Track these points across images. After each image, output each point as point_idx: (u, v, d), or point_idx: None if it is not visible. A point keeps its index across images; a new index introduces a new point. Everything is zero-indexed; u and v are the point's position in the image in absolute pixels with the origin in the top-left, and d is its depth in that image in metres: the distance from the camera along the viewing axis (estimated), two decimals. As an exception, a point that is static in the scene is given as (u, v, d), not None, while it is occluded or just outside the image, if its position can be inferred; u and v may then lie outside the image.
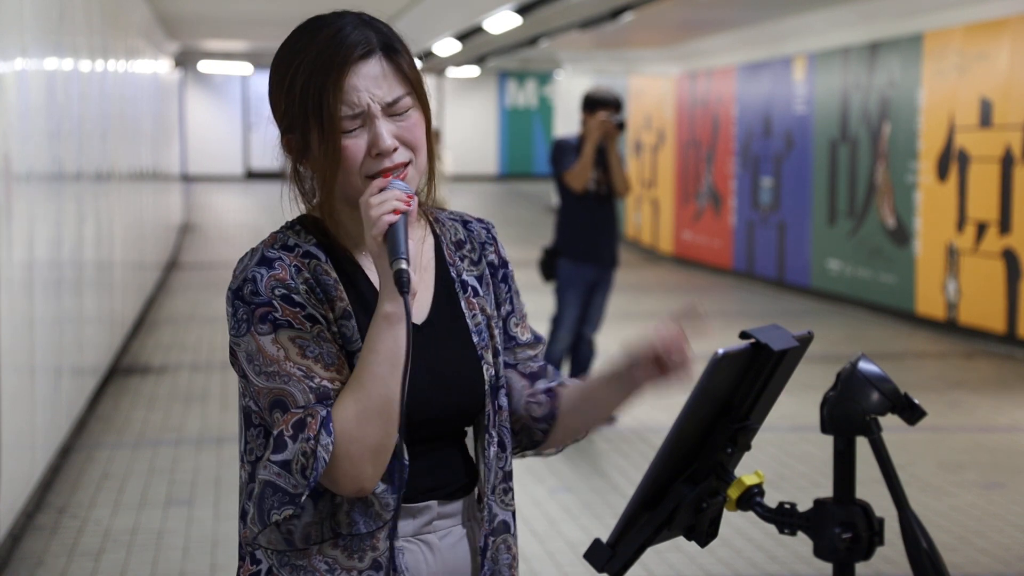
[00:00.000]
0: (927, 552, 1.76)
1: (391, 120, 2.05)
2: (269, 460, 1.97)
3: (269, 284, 2.00)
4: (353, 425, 1.95)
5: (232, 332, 2.03)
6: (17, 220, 5.84)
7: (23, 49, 6.05)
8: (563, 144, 8.15)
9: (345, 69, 2.03)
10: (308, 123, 2.05)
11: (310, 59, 2.04)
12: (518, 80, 32.26)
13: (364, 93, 2.03)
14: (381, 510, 2.02)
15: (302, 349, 1.98)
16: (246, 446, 2.09)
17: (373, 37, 2.06)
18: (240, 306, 2.01)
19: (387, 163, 2.04)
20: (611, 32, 15.39)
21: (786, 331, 1.85)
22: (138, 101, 12.62)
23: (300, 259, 2.04)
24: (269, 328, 1.99)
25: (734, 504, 1.85)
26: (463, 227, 2.23)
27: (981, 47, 11.13)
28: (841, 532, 1.79)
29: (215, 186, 30.03)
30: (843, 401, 1.81)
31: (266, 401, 1.99)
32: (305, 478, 1.95)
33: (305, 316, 2.00)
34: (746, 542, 5.80)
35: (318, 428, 1.94)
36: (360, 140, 2.04)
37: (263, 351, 1.99)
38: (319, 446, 1.94)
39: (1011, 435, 8.06)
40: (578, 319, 8.13)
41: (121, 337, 10.41)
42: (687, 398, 1.78)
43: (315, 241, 2.07)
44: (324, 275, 2.04)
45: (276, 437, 1.96)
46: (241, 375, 2.04)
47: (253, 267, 2.02)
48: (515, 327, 2.24)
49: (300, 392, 1.97)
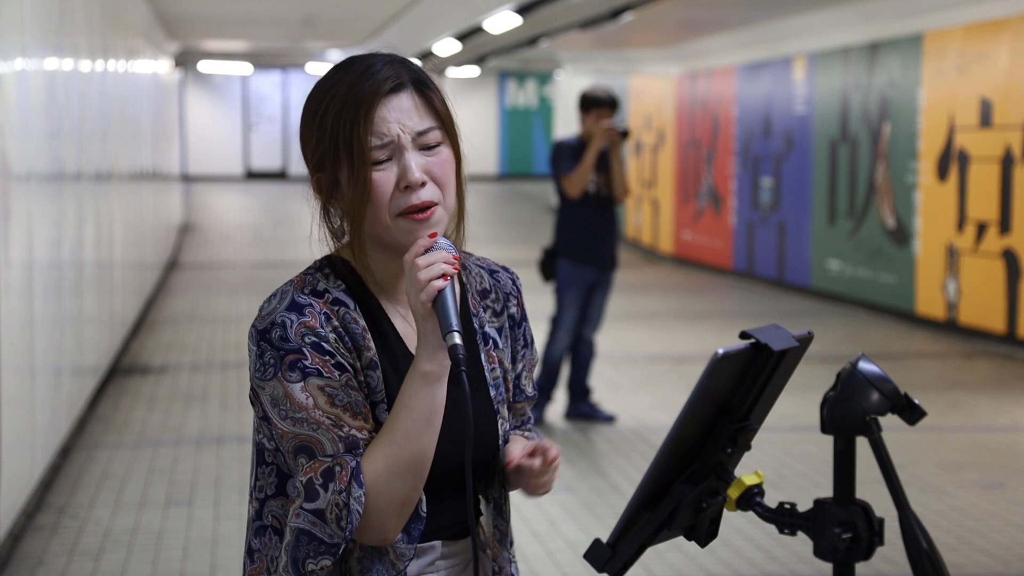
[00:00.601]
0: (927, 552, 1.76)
1: (421, 154, 2.05)
2: (303, 508, 1.96)
3: (299, 331, 1.99)
4: (383, 480, 1.96)
5: (257, 374, 2.01)
6: (16, 220, 5.84)
7: (23, 49, 6.05)
8: (562, 146, 8.16)
9: (376, 101, 2.03)
10: (338, 158, 2.04)
11: (341, 93, 2.04)
12: (518, 80, 32.26)
13: (394, 124, 2.03)
14: (396, 559, 2.03)
15: (331, 398, 1.98)
16: (256, 483, 2.08)
17: (404, 72, 2.07)
18: (268, 349, 2.00)
19: (414, 199, 2.03)
20: (611, 32, 15.39)
21: (786, 331, 1.85)
22: (138, 101, 12.62)
23: (330, 306, 2.03)
24: (299, 376, 1.98)
25: (734, 504, 1.85)
26: (489, 275, 2.22)
27: (981, 47, 11.13)
28: (841, 532, 1.79)
29: (215, 186, 30.03)
30: (843, 401, 1.81)
31: (290, 445, 1.99)
32: (341, 529, 1.95)
33: (334, 365, 1.99)
34: (746, 542, 5.80)
35: (348, 480, 1.95)
36: (389, 174, 2.03)
37: (291, 398, 1.98)
38: (352, 499, 1.94)
39: (1011, 435, 8.06)
40: (577, 319, 8.13)
41: (121, 337, 10.41)
42: (687, 398, 1.78)
43: (343, 287, 2.07)
44: (353, 323, 2.03)
45: (306, 484, 1.96)
46: (262, 416, 2.03)
47: (283, 312, 2.01)
48: (524, 380, 2.25)
49: (329, 441, 1.97)
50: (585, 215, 8.06)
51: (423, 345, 1.98)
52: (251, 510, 2.09)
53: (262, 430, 2.05)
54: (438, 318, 1.95)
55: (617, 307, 12.93)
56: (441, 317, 1.95)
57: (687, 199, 17.89)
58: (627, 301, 13.91)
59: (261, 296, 13.98)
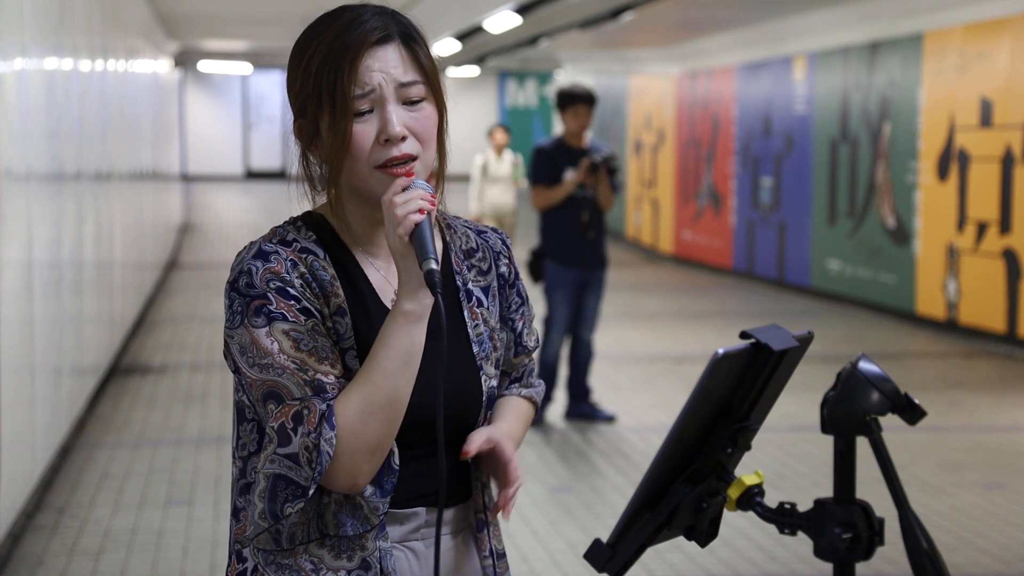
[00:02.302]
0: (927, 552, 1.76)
1: (404, 108, 2.04)
2: (276, 453, 1.96)
3: (264, 277, 1.99)
4: (356, 419, 1.95)
5: (227, 324, 2.02)
6: (14, 220, 5.84)
7: (23, 49, 6.05)
8: (540, 152, 8.17)
9: (362, 51, 2.02)
10: (320, 105, 2.03)
11: (328, 41, 2.03)
12: (518, 80, 32.27)
13: (377, 74, 2.02)
14: (370, 513, 2.01)
15: (296, 342, 1.97)
16: (238, 441, 2.08)
17: (393, 24, 2.06)
18: (236, 298, 2.00)
19: (395, 151, 2.02)
20: (611, 32, 15.39)
21: (786, 331, 1.85)
22: (138, 101, 12.62)
23: (297, 254, 2.03)
24: (264, 321, 1.98)
25: (734, 504, 1.85)
26: (476, 235, 2.22)
27: (981, 47, 11.13)
28: (841, 532, 1.79)
29: (215, 186, 30.03)
30: (843, 401, 1.81)
31: (259, 393, 1.98)
32: (312, 470, 1.94)
33: (300, 309, 1.98)
34: (746, 542, 5.80)
35: (318, 421, 1.94)
36: (369, 126, 2.02)
37: (257, 343, 1.98)
38: (322, 440, 1.93)
39: (1011, 435, 8.06)
40: (570, 320, 8.11)
41: (121, 337, 10.41)
42: (687, 398, 1.78)
43: (315, 238, 2.06)
44: (321, 271, 2.03)
45: (278, 429, 1.96)
46: (234, 369, 2.03)
47: (249, 260, 2.01)
48: (526, 335, 2.25)
49: (295, 385, 1.96)
50: (570, 216, 8.05)
51: (404, 284, 1.97)
52: (235, 470, 2.08)
53: (239, 386, 2.05)
54: (415, 250, 1.95)
55: (617, 307, 12.93)
56: (418, 247, 1.94)
57: (687, 199, 17.89)
58: (627, 301, 13.91)
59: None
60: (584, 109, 8.09)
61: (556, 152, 8.11)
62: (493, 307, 2.18)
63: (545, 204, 8.05)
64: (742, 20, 14.81)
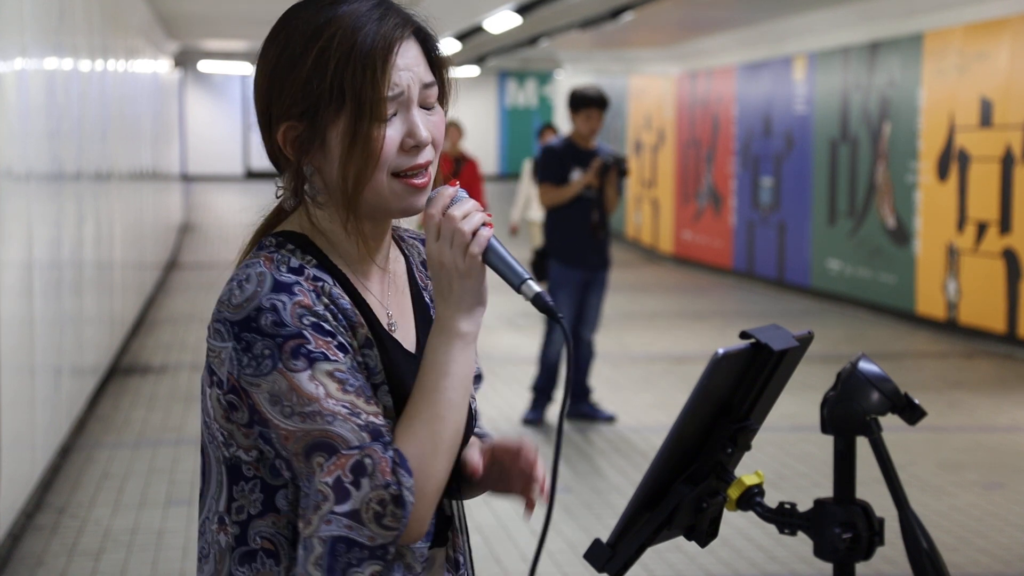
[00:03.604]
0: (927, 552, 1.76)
1: (423, 111, 1.85)
2: (334, 513, 1.70)
3: (295, 312, 1.73)
4: (430, 461, 1.75)
5: (247, 371, 1.74)
6: (14, 220, 5.84)
7: (23, 49, 6.05)
8: (549, 152, 8.18)
9: (393, 47, 1.79)
10: (338, 110, 1.78)
11: (346, 36, 1.79)
12: (518, 80, 32.27)
13: (406, 73, 1.81)
14: (413, 561, 1.81)
15: (342, 383, 1.73)
16: (230, 504, 1.80)
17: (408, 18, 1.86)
18: (257, 340, 1.73)
19: (419, 158, 1.82)
20: (611, 32, 15.39)
21: (786, 331, 1.85)
22: (138, 101, 12.62)
23: (313, 282, 1.78)
24: (304, 364, 1.72)
25: (734, 504, 1.85)
26: (423, 244, 2.02)
27: (981, 47, 11.13)
28: (841, 532, 1.79)
29: (215, 186, 30.04)
30: (843, 401, 1.81)
31: (299, 446, 1.72)
32: (384, 528, 1.71)
33: (337, 346, 1.75)
34: (746, 542, 5.80)
35: (391, 470, 1.71)
36: (394, 131, 1.81)
37: (298, 389, 1.71)
38: (404, 489, 1.71)
39: (1011, 435, 8.06)
40: (573, 320, 8.12)
41: (121, 337, 10.41)
42: (687, 398, 1.78)
43: (315, 262, 1.82)
44: (340, 299, 1.80)
45: (334, 485, 1.70)
46: (248, 423, 1.77)
47: (269, 294, 1.74)
48: None
49: (350, 432, 1.71)
50: (576, 217, 8.06)
51: (458, 303, 1.79)
52: (224, 538, 1.81)
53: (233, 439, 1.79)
54: (499, 270, 1.78)
55: (617, 307, 12.93)
56: (504, 268, 1.78)
57: (687, 199, 17.89)
58: (627, 301, 13.91)
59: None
60: (596, 113, 8.11)
61: (565, 152, 8.13)
62: None
63: (553, 202, 8.07)
64: (742, 20, 14.81)
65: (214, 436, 1.81)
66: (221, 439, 1.80)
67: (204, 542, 1.84)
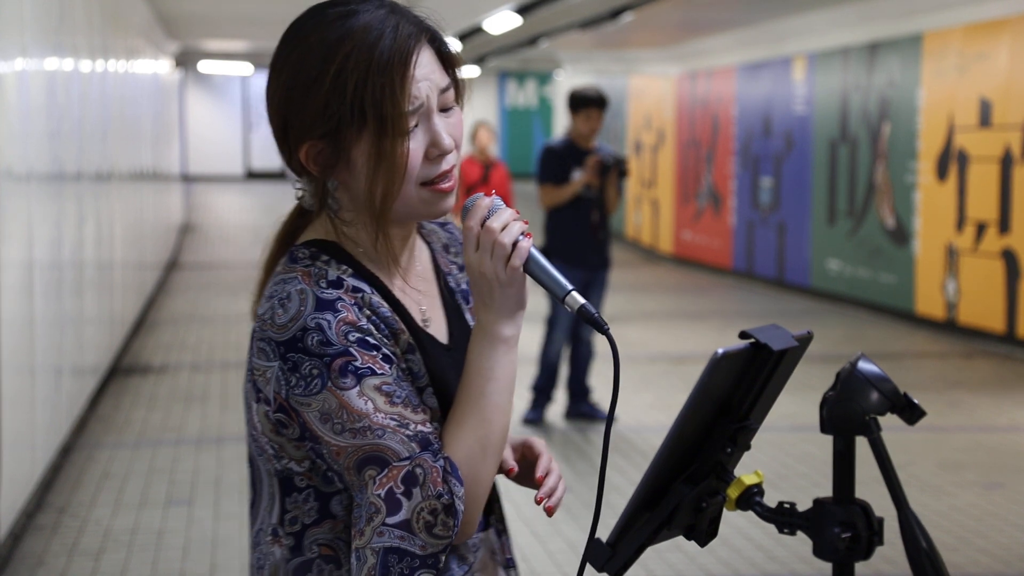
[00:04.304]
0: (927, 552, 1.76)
1: (442, 116, 1.86)
2: (386, 525, 1.74)
3: (340, 330, 1.76)
4: (478, 465, 1.79)
5: (296, 391, 1.76)
6: (14, 220, 5.84)
7: (23, 49, 6.05)
8: (549, 151, 8.18)
9: (409, 60, 1.79)
10: (361, 127, 1.78)
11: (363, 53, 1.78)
12: (518, 80, 32.27)
13: (424, 83, 1.82)
14: (466, 552, 1.89)
15: (389, 396, 1.76)
16: (284, 515, 1.83)
17: (420, 23, 1.85)
18: (304, 360, 1.75)
19: (445, 165, 1.84)
20: (611, 32, 15.39)
21: (786, 331, 1.85)
22: (138, 101, 12.63)
23: (352, 294, 1.80)
24: (353, 381, 1.74)
25: (734, 504, 1.85)
26: (441, 228, 2.07)
27: (981, 47, 11.13)
28: (841, 532, 1.79)
29: (215, 186, 30.04)
30: (843, 401, 1.81)
31: (351, 461, 1.75)
32: (436, 537, 1.74)
33: (383, 358, 1.77)
34: (746, 542, 5.81)
35: (442, 479, 1.75)
36: (417, 143, 1.82)
37: (348, 406, 1.74)
38: (455, 499, 1.75)
39: (1011, 435, 8.06)
40: (573, 320, 8.13)
41: (121, 337, 10.41)
42: (687, 398, 1.78)
43: (351, 271, 1.83)
44: (380, 307, 1.81)
45: (386, 497, 1.73)
46: (298, 437, 1.79)
47: (312, 313, 1.76)
48: None
49: (399, 444, 1.75)
50: (576, 216, 8.07)
51: (499, 309, 1.81)
52: (279, 551, 1.83)
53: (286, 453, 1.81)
54: (542, 282, 1.81)
55: (617, 307, 12.93)
56: (545, 280, 1.81)
57: (687, 199, 17.89)
58: (627, 301, 13.91)
59: (261, 296, 13.98)
60: (596, 113, 8.11)
61: (565, 152, 8.13)
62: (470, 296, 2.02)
63: (552, 203, 8.08)
64: (742, 20, 14.81)
65: (263, 449, 1.83)
66: (271, 452, 1.82)
67: (259, 553, 1.86)
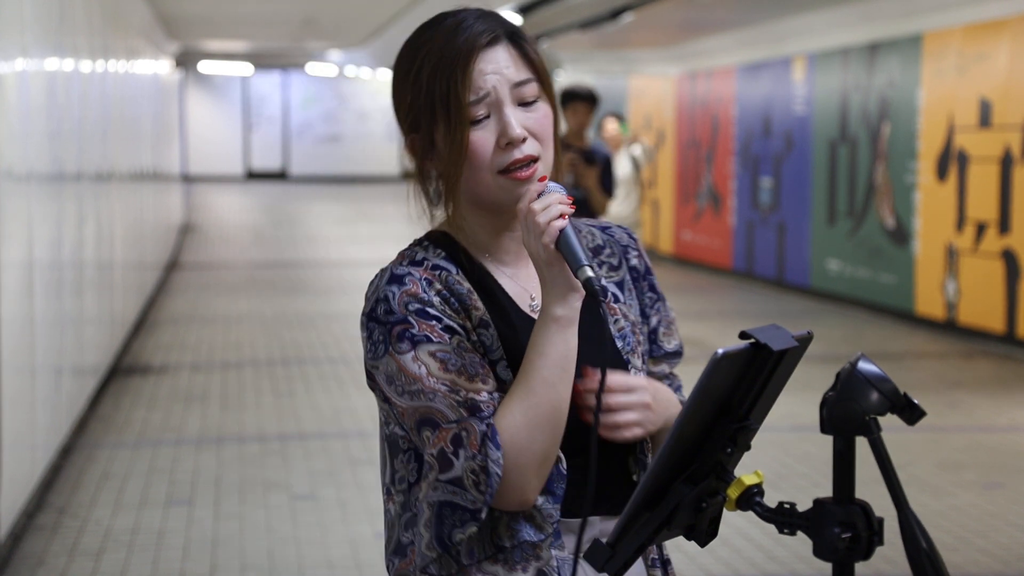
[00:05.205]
0: (927, 552, 1.76)
1: (520, 109, 1.99)
2: (439, 480, 1.91)
3: (402, 300, 1.94)
4: (524, 434, 1.90)
5: (369, 356, 1.97)
6: (15, 220, 5.85)
7: (23, 50, 6.05)
8: None
9: (473, 55, 1.97)
10: (434, 117, 1.98)
11: (436, 49, 1.98)
12: (518, 80, 32.25)
13: (491, 76, 1.97)
14: (543, 522, 1.96)
15: (443, 363, 1.92)
16: (394, 475, 2.02)
17: (498, 25, 2.02)
18: (375, 328, 1.95)
19: (517, 154, 1.97)
20: (611, 32, 15.40)
21: (786, 331, 1.85)
22: (138, 101, 12.63)
23: (430, 272, 1.98)
24: (408, 345, 1.92)
25: (734, 504, 1.85)
26: (601, 232, 2.17)
27: (981, 47, 11.14)
28: (841, 532, 1.79)
29: (215, 186, 30.04)
30: (843, 401, 1.81)
31: (412, 421, 1.93)
32: (481, 493, 1.89)
33: (443, 328, 1.93)
34: (746, 542, 5.81)
35: (480, 442, 1.89)
36: (488, 132, 1.98)
37: (404, 370, 1.93)
38: (489, 461, 1.89)
39: (1011, 435, 8.07)
40: None
41: (121, 337, 10.41)
42: (687, 398, 1.78)
43: (444, 254, 2.01)
44: (457, 285, 1.98)
45: (438, 455, 1.91)
46: (383, 400, 1.98)
47: (384, 287, 1.96)
48: (663, 336, 2.17)
49: (448, 407, 1.91)
50: None
51: (551, 290, 1.92)
52: (393, 507, 2.02)
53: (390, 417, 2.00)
54: (565, 257, 1.90)
55: (617, 307, 12.93)
56: (568, 255, 1.90)
57: (687, 199, 17.90)
58: (627, 301, 13.90)
59: (261, 296, 14.00)
60: (583, 108, 8.11)
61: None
62: (631, 301, 2.13)
63: None
64: (742, 20, 14.81)
65: (379, 418, 2.05)
66: (382, 419, 2.03)
67: (385, 511, 2.06)
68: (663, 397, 2.06)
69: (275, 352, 10.67)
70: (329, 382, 9.40)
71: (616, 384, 1.98)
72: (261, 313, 12.92)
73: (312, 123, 33.60)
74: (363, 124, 33.70)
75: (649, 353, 2.15)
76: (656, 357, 2.17)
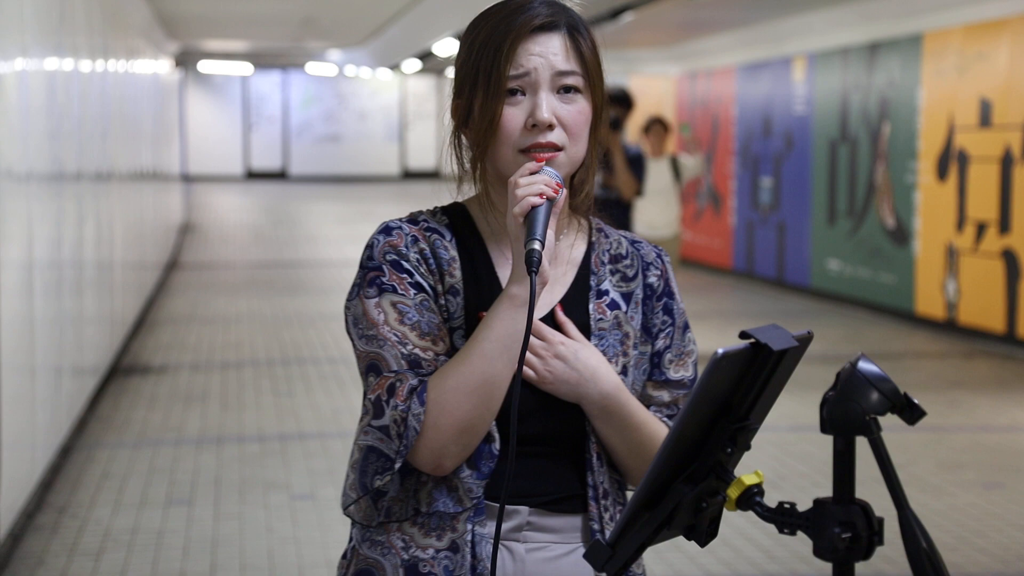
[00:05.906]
0: (927, 552, 1.76)
1: (557, 97, 2.02)
2: (371, 425, 1.97)
3: (383, 250, 2.02)
4: (448, 396, 1.94)
5: (348, 297, 2.05)
6: (14, 220, 5.85)
7: (23, 49, 6.05)
8: None
9: (523, 33, 2.01)
10: (476, 85, 2.02)
11: (493, 23, 2.04)
12: (518, 80, 32.26)
13: (536, 58, 2.01)
14: (464, 495, 1.99)
15: (401, 315, 1.99)
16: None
17: (561, 14, 2.05)
18: (359, 271, 2.04)
19: (540, 138, 2.00)
20: (611, 32, 15.40)
21: (786, 331, 1.85)
22: (138, 101, 12.63)
23: (421, 232, 2.04)
24: (375, 292, 2.00)
25: (734, 504, 1.85)
26: (630, 244, 2.16)
27: (981, 47, 11.14)
28: (841, 532, 1.79)
29: (215, 186, 30.04)
30: (843, 401, 1.81)
31: (363, 365, 2.00)
32: (399, 443, 1.95)
33: (411, 283, 2.00)
34: (746, 542, 5.81)
35: (407, 395, 1.95)
36: (520, 110, 2.01)
37: (367, 314, 2.00)
38: (410, 415, 1.94)
39: (1011, 435, 8.06)
40: None
41: (121, 337, 10.41)
42: (687, 398, 1.78)
43: (447, 222, 2.07)
44: (442, 250, 2.03)
45: (375, 402, 1.97)
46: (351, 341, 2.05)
47: (375, 235, 2.04)
48: (669, 363, 2.14)
49: (393, 357, 1.97)
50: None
51: (515, 268, 1.95)
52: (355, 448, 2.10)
53: None
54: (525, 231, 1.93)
55: (617, 307, 12.93)
56: (528, 228, 1.92)
57: (687, 199, 17.90)
58: (627, 301, 13.90)
59: (262, 296, 14.01)
60: (614, 109, 8.04)
61: None
62: (635, 314, 2.11)
63: None
64: (742, 20, 14.81)
65: None
66: None
67: None
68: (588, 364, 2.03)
69: (275, 352, 10.67)
70: (329, 382, 9.40)
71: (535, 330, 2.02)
72: (261, 313, 12.92)
73: (312, 123, 33.61)
74: (363, 124, 33.71)
75: (649, 376, 2.14)
76: (657, 382, 2.14)
